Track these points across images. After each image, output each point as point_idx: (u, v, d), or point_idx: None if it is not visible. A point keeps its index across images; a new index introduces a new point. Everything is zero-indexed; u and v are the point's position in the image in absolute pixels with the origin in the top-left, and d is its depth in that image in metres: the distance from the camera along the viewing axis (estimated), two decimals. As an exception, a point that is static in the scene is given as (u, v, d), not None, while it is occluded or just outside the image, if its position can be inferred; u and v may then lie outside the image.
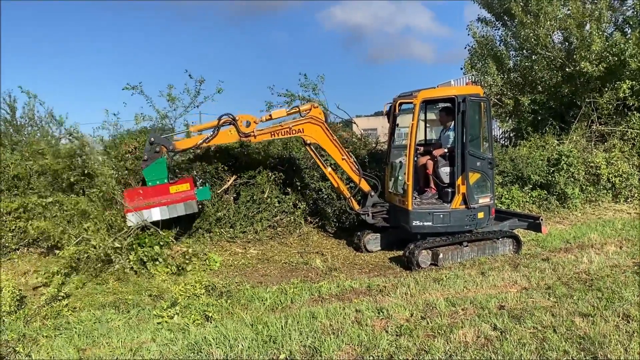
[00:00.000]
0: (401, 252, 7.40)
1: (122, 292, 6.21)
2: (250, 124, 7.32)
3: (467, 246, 7.31)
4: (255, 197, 8.76)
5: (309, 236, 8.90)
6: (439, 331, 4.45)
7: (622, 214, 10.51)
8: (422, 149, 7.96)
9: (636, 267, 6.38)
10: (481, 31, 15.60)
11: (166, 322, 5.07)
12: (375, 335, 4.42)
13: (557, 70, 13.95)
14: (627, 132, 12.55)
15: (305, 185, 9.15)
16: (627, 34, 12.93)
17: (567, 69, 13.54)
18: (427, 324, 4.66)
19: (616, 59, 12.22)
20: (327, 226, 9.20)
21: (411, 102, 7.24)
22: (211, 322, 5.00)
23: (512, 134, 15.14)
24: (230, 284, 6.35)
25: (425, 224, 7.22)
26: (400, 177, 7.77)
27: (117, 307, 5.64)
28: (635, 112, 12.62)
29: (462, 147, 7.13)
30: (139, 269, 6.81)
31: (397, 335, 4.44)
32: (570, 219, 10.37)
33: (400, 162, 7.86)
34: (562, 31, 13.58)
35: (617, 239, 8.19)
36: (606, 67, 12.43)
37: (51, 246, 7.52)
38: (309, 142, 7.83)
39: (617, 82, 12.53)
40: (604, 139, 12.87)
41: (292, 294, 5.91)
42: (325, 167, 8.03)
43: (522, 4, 13.60)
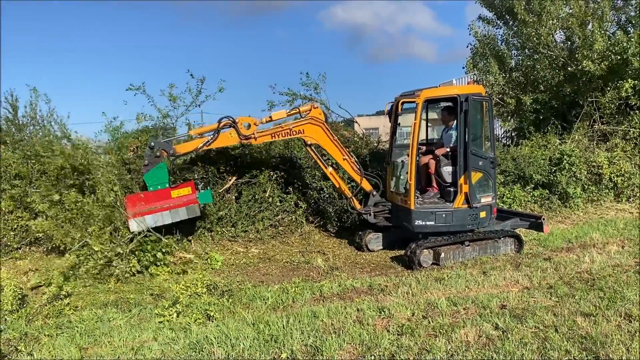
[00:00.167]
0: (403, 252, 7.40)
1: (123, 291, 6.23)
2: (250, 126, 7.31)
3: (468, 245, 7.30)
4: (256, 197, 8.76)
5: (310, 235, 8.90)
6: (441, 330, 4.45)
7: (624, 214, 10.48)
8: (424, 148, 7.96)
9: (638, 267, 6.36)
10: (483, 30, 15.57)
11: (168, 321, 5.08)
12: (376, 334, 4.42)
13: (559, 69, 13.92)
14: (629, 131, 12.51)
15: (306, 184, 9.14)
16: (630, 33, 12.90)
17: (569, 68, 13.50)
18: (429, 323, 4.65)
19: (618, 58, 12.18)
20: (329, 225, 9.20)
21: (414, 102, 7.23)
22: (213, 321, 5.01)
23: (514, 133, 15.12)
24: (231, 283, 6.36)
25: (427, 223, 7.21)
26: (402, 177, 7.77)
27: (118, 306, 5.66)
28: (637, 111, 12.56)
29: (465, 147, 7.12)
30: (140, 271, 6.82)
31: (398, 334, 4.43)
32: (572, 218, 10.36)
33: (402, 161, 7.85)
34: (564, 30, 13.54)
35: (619, 238, 8.17)
36: (608, 66, 12.40)
37: (53, 247, 7.51)
38: (309, 142, 7.81)
39: (619, 82, 12.49)
40: (606, 139, 12.82)
41: (293, 293, 5.91)
42: (326, 167, 8.03)
43: (524, 3, 13.57)
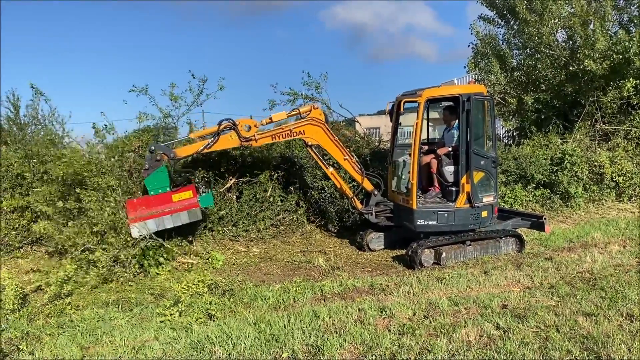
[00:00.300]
0: (404, 251, 7.39)
1: (124, 290, 6.22)
2: (250, 127, 7.27)
3: (470, 245, 7.30)
4: (258, 196, 8.75)
5: (311, 235, 8.90)
6: (442, 330, 4.44)
7: (626, 213, 10.47)
8: (425, 147, 7.96)
9: (639, 267, 6.36)
10: (484, 30, 15.56)
11: (169, 320, 5.08)
12: (377, 334, 4.42)
13: (560, 69, 13.91)
14: (631, 131, 12.50)
15: (307, 184, 9.14)
16: (632, 33, 12.88)
17: (570, 68, 13.49)
18: (430, 323, 4.65)
19: (620, 58, 12.17)
20: (330, 225, 9.19)
21: (416, 101, 7.22)
22: (214, 321, 5.01)
23: (515, 133, 15.12)
24: (233, 283, 6.36)
25: (429, 223, 7.21)
26: (403, 176, 7.76)
27: (119, 306, 5.66)
28: (639, 110, 12.57)
29: (467, 146, 7.12)
30: (140, 271, 6.82)
31: (399, 334, 4.43)
32: (573, 218, 10.35)
33: (403, 160, 7.84)
34: (566, 30, 13.53)
35: (620, 238, 8.16)
36: (610, 65, 12.39)
37: (54, 250, 7.47)
38: (310, 143, 7.76)
39: (621, 81, 12.48)
40: (607, 138, 12.81)
41: (294, 292, 5.91)
42: (327, 168, 7.99)
43: (525, 2, 13.55)
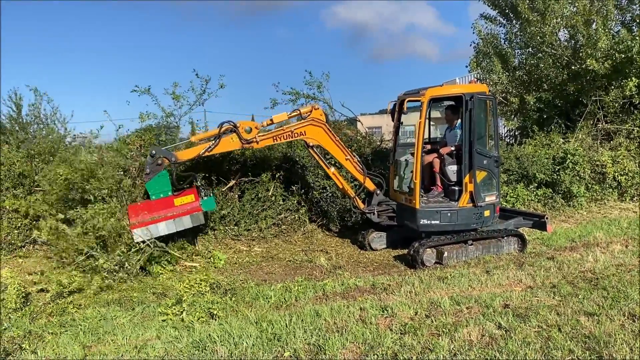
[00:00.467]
0: (405, 251, 7.40)
1: (126, 289, 6.23)
2: (251, 129, 7.25)
3: (471, 245, 7.30)
4: (259, 195, 8.76)
5: (313, 234, 8.90)
6: (444, 330, 4.44)
7: (628, 213, 10.46)
8: (427, 147, 7.94)
9: (642, 266, 6.34)
10: (486, 29, 15.53)
11: (171, 319, 5.09)
12: (379, 333, 4.41)
13: (563, 68, 13.88)
14: (633, 130, 12.49)
15: (309, 183, 9.13)
16: (634, 32, 12.85)
17: (573, 67, 13.47)
18: (432, 322, 4.64)
19: (623, 57, 12.14)
20: (331, 224, 9.19)
21: (419, 100, 7.21)
22: (216, 320, 5.01)
23: (517, 132, 15.10)
24: (234, 282, 6.37)
25: (432, 222, 7.20)
26: (405, 176, 7.76)
27: (122, 305, 5.67)
28: (641, 110, 12.56)
29: (470, 145, 7.11)
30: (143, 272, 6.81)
31: (401, 333, 4.43)
32: (575, 217, 10.34)
33: (405, 160, 7.83)
34: (569, 29, 13.50)
35: (622, 237, 8.14)
36: (612, 64, 12.36)
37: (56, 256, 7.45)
38: (311, 144, 7.70)
39: (623, 80, 12.45)
40: (609, 138, 12.79)
41: (296, 291, 5.91)
42: (328, 168, 7.94)
43: (527, 2, 13.53)
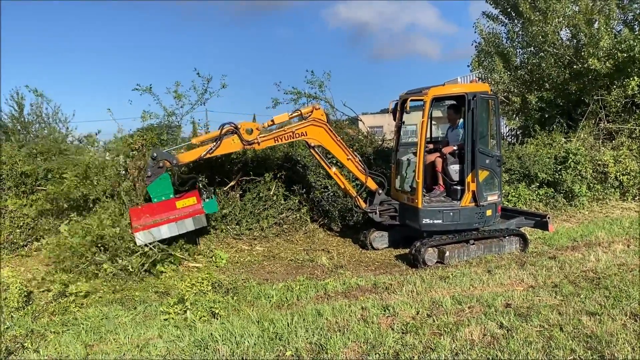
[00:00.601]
0: (407, 250, 7.39)
1: (128, 288, 6.24)
2: (252, 131, 7.23)
3: (473, 244, 7.29)
4: (261, 195, 8.76)
5: (314, 233, 8.90)
6: (445, 329, 4.44)
7: (630, 212, 10.44)
8: (430, 146, 7.93)
9: (644, 266, 6.33)
10: (488, 28, 15.51)
11: (173, 318, 5.10)
12: (381, 332, 4.41)
13: (564, 67, 13.87)
14: (635, 129, 12.45)
15: (311, 182, 9.13)
16: (636, 31, 12.83)
17: (575, 66, 13.45)
18: (433, 321, 4.64)
19: (625, 56, 12.12)
20: (333, 224, 9.18)
21: (421, 99, 7.20)
22: (217, 319, 5.02)
23: (519, 132, 15.09)
24: (236, 281, 6.37)
25: (435, 221, 7.20)
26: (408, 175, 7.75)
27: (124, 304, 5.68)
28: (643, 109, 12.54)
29: (472, 145, 7.11)
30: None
31: (403, 332, 4.43)
32: (577, 217, 10.32)
33: (407, 159, 7.83)
34: (570, 28, 13.49)
35: (624, 237, 8.13)
36: (614, 64, 12.34)
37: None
38: (313, 144, 7.69)
39: (625, 80, 12.43)
40: (611, 137, 12.77)
41: (298, 291, 5.92)
42: (330, 168, 7.93)
43: (529, 1, 13.51)
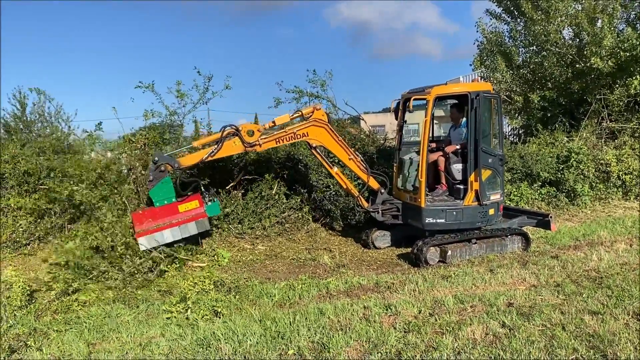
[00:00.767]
0: (409, 249, 7.39)
1: (131, 288, 6.24)
2: (254, 132, 7.21)
3: (475, 243, 7.29)
4: (263, 194, 8.77)
5: (316, 233, 8.90)
6: (447, 328, 4.44)
7: (632, 212, 10.43)
8: (432, 145, 7.93)
9: (646, 265, 6.32)
10: (490, 26, 15.49)
11: (175, 317, 5.10)
12: (383, 331, 4.42)
13: (567, 66, 13.85)
14: (638, 128, 12.45)
15: (312, 182, 9.13)
16: (639, 30, 12.80)
17: (577, 65, 13.43)
18: (436, 320, 4.64)
19: (627, 55, 12.10)
20: (335, 223, 9.19)
21: (424, 99, 7.19)
22: (220, 318, 5.03)
23: (521, 131, 15.07)
24: (238, 280, 6.37)
25: (438, 221, 7.20)
26: (410, 174, 7.75)
27: (126, 302, 5.69)
28: (646, 108, 12.53)
29: (475, 144, 7.11)
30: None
31: (405, 331, 4.43)
32: (579, 216, 10.31)
33: (410, 158, 7.82)
34: (573, 27, 13.47)
35: (627, 236, 8.12)
36: (617, 63, 12.32)
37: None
38: (314, 145, 7.67)
39: (628, 79, 12.41)
40: (614, 136, 12.76)
41: (300, 290, 5.93)
42: (331, 168, 7.92)
43: (531, 0, 13.49)
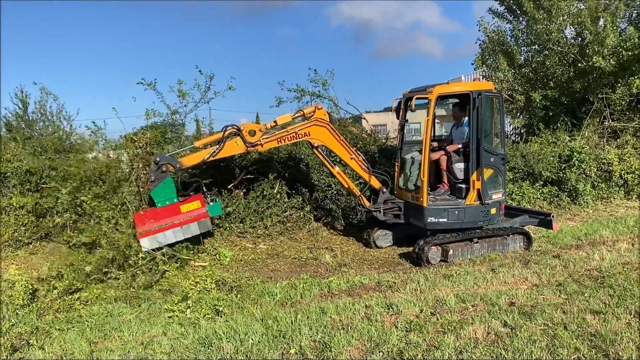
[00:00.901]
0: (411, 248, 7.39)
1: (133, 286, 6.25)
2: (255, 132, 7.19)
3: (477, 243, 7.28)
4: (265, 193, 8.77)
5: (318, 232, 8.90)
6: (449, 327, 4.44)
7: (635, 211, 10.41)
8: (434, 144, 7.92)
9: (649, 265, 6.31)
10: (492, 25, 15.48)
11: (177, 316, 5.11)
12: (385, 330, 4.42)
13: (569, 65, 13.83)
14: (640, 128, 12.44)
15: (314, 181, 9.13)
16: (641, 29, 12.78)
17: (579, 65, 13.41)
18: (437, 320, 4.64)
19: (629, 54, 12.08)
20: (336, 222, 9.19)
21: (426, 98, 7.18)
22: (221, 317, 5.04)
23: (523, 130, 15.07)
24: (240, 279, 6.37)
25: (440, 220, 7.19)
26: (412, 173, 7.74)
27: (128, 301, 5.70)
28: (648, 107, 12.51)
29: (477, 143, 7.10)
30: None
31: (406, 331, 4.43)
32: (581, 215, 10.30)
33: (412, 158, 7.81)
34: (575, 26, 13.45)
35: (629, 236, 8.11)
36: (619, 62, 12.30)
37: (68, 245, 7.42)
38: (316, 144, 7.64)
39: (630, 78, 12.40)
40: (616, 135, 12.75)
41: (301, 289, 5.93)
42: (333, 167, 7.90)
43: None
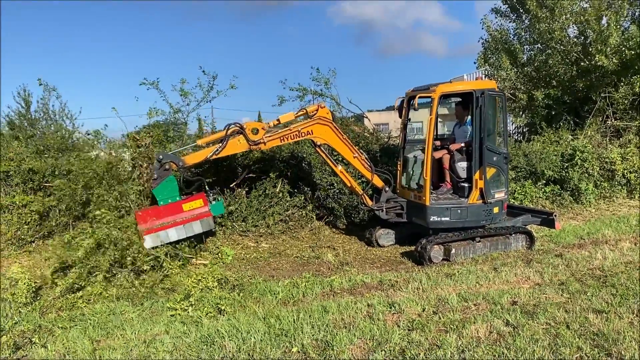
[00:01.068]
0: (413, 247, 7.39)
1: (135, 284, 6.25)
2: (258, 131, 7.19)
3: (479, 242, 7.28)
4: (267, 192, 8.77)
5: (320, 230, 8.90)
6: (451, 326, 4.44)
7: (637, 210, 10.39)
8: (437, 143, 7.91)
9: (651, 264, 6.30)
10: (495, 24, 15.45)
11: (179, 314, 5.12)
12: (387, 329, 4.42)
13: (571, 64, 13.80)
14: (642, 127, 12.41)
15: (316, 180, 9.13)
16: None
17: (582, 63, 13.38)
18: (439, 319, 4.65)
19: (632, 53, 12.05)
20: (338, 221, 9.19)
21: (429, 96, 7.18)
22: (224, 315, 5.04)
23: (525, 129, 15.05)
24: (242, 277, 6.38)
25: (442, 219, 7.19)
26: (414, 172, 7.74)
27: (130, 300, 5.71)
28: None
29: (480, 142, 7.09)
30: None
31: (409, 329, 4.43)
32: (584, 214, 10.29)
33: (414, 156, 7.81)
34: (578, 25, 13.42)
35: (631, 235, 8.10)
36: (622, 61, 12.27)
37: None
38: (319, 143, 7.67)
39: (633, 77, 12.37)
40: (619, 134, 12.72)
41: (303, 287, 5.93)
42: (335, 166, 7.91)
43: (536, -2, 13.46)
